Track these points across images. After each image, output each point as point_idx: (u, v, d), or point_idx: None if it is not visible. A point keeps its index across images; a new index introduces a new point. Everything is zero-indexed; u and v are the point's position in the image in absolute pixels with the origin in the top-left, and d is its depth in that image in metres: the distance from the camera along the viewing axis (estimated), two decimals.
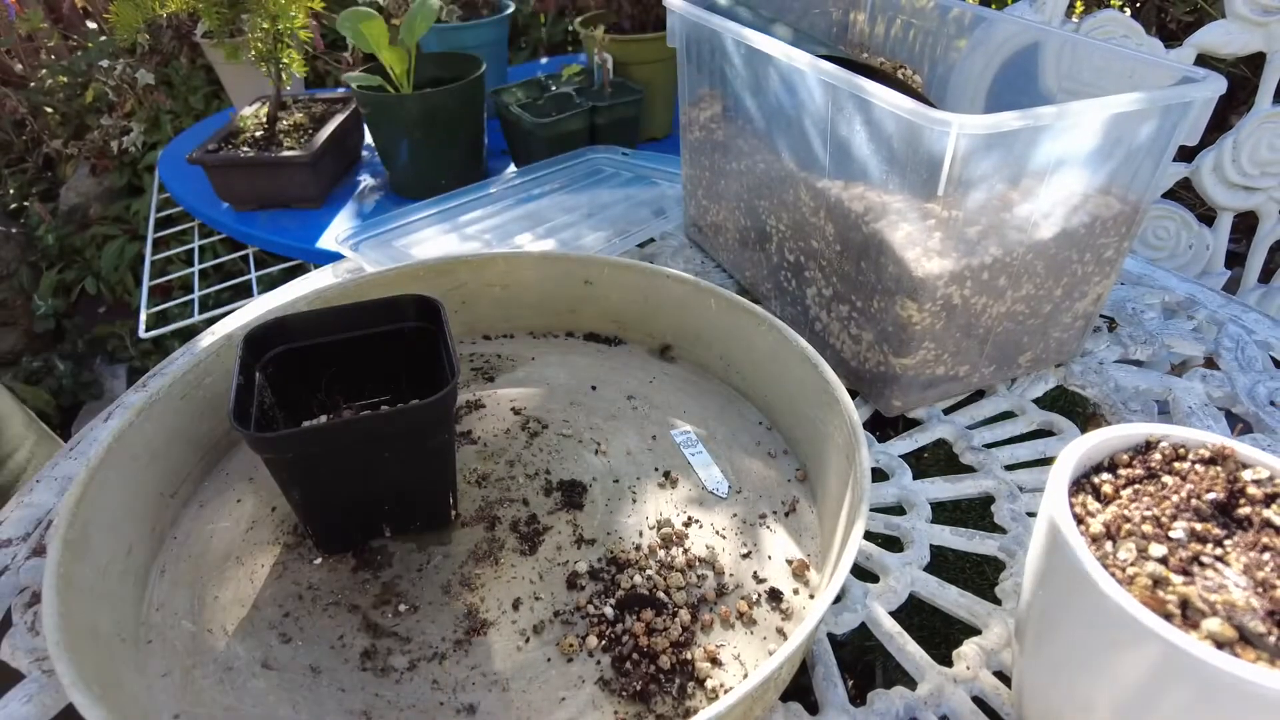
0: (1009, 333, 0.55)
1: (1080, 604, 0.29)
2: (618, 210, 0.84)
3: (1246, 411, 0.57)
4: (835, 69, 0.49)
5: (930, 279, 0.49)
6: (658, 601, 0.42)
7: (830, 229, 0.55)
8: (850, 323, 0.57)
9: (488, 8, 1.28)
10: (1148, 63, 0.52)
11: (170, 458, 0.48)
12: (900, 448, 0.54)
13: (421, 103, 0.99)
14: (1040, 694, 0.34)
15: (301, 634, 0.41)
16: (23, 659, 0.41)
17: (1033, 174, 0.47)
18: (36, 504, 0.50)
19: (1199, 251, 1.01)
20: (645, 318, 0.61)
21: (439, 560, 0.45)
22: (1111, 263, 0.55)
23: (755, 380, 0.55)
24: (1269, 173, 0.97)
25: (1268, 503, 0.31)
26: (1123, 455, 0.34)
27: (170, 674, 0.39)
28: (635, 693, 0.38)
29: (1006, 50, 0.62)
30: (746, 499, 0.49)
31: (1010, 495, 0.50)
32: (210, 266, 1.70)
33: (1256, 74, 0.95)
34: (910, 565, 0.46)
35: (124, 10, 1.01)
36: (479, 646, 0.40)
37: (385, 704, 0.38)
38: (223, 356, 0.50)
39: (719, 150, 0.67)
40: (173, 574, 0.44)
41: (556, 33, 1.93)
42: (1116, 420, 0.56)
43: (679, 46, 0.68)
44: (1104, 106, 0.45)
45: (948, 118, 0.42)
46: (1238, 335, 0.63)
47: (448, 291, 0.60)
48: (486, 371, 0.60)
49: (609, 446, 0.53)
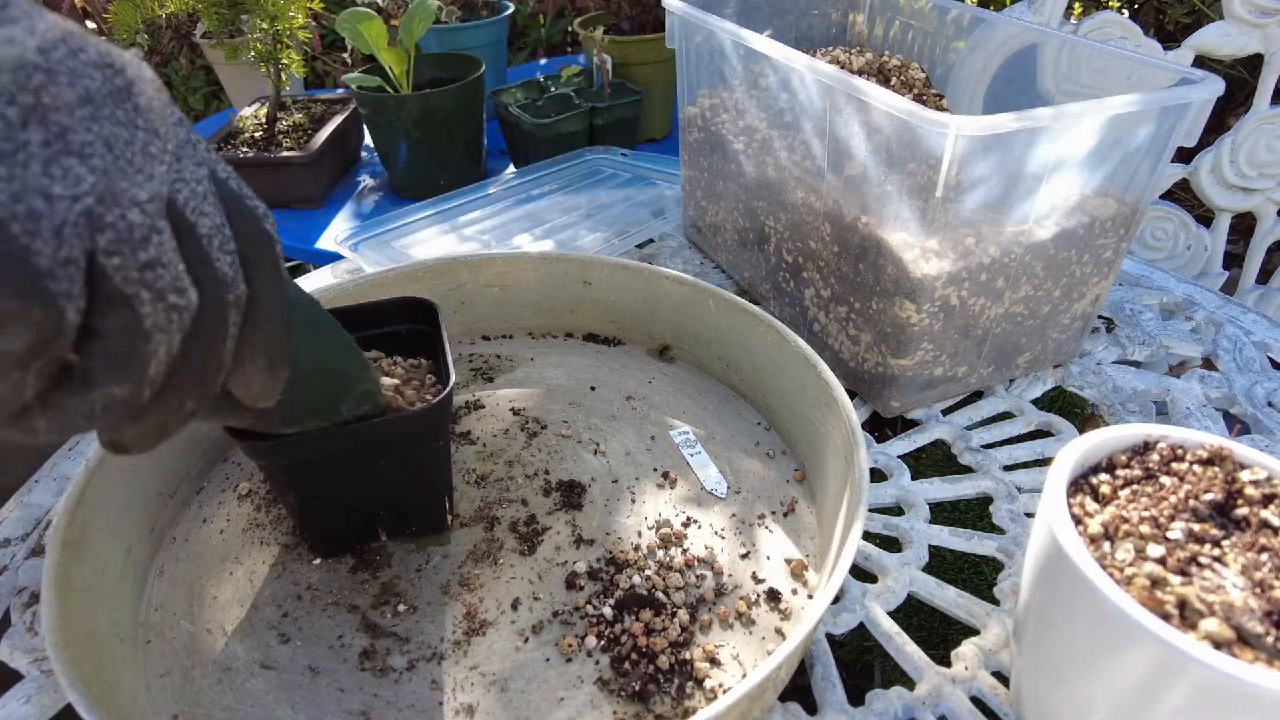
0: (1007, 334, 0.55)
1: (1078, 604, 0.29)
2: (617, 211, 0.84)
3: (1244, 412, 0.57)
4: (833, 70, 0.49)
5: (928, 280, 0.49)
6: (656, 602, 0.42)
7: (828, 230, 0.56)
8: (849, 323, 0.57)
9: (487, 9, 1.28)
10: (1146, 64, 0.53)
11: (169, 458, 0.48)
12: (899, 448, 0.54)
13: (421, 103, 0.99)
14: (1038, 694, 0.34)
15: (300, 634, 0.41)
16: (21, 659, 0.41)
17: (1031, 175, 0.47)
18: (35, 504, 0.50)
19: (1197, 252, 1.02)
20: (644, 318, 0.61)
21: (438, 560, 0.45)
22: (1110, 264, 0.55)
23: (754, 381, 0.55)
24: (1267, 174, 0.97)
25: (1265, 503, 0.31)
26: (1121, 456, 0.34)
27: (169, 674, 0.39)
28: (634, 693, 0.38)
29: (1005, 52, 0.62)
30: (745, 499, 0.49)
31: (1008, 496, 0.50)
32: None
33: (1254, 75, 0.95)
34: (909, 565, 0.46)
35: (123, 10, 1.01)
36: (478, 647, 0.40)
37: (384, 704, 0.38)
38: None
39: (718, 151, 0.67)
40: (171, 574, 0.44)
41: (555, 34, 1.93)
42: (1114, 421, 0.56)
43: (678, 48, 0.68)
44: (1102, 108, 0.45)
45: (945, 119, 0.42)
46: (1235, 336, 0.63)
47: (447, 292, 0.60)
48: (485, 372, 0.60)
49: (608, 447, 0.53)
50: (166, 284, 0.23)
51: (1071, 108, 0.44)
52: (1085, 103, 0.44)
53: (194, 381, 0.25)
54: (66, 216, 0.20)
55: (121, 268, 0.21)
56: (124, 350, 0.22)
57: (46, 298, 0.19)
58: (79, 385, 0.22)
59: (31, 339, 0.20)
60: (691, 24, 0.64)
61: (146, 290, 0.22)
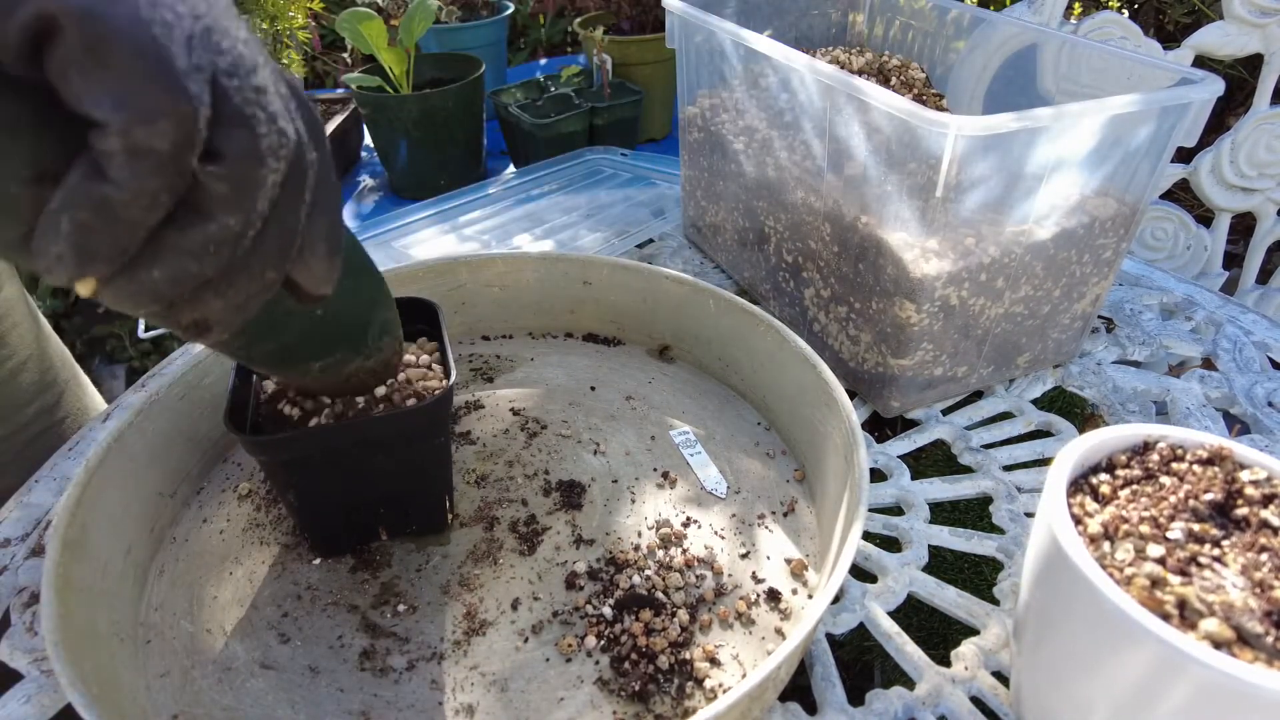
0: (1007, 334, 0.55)
1: (1078, 604, 0.29)
2: (616, 211, 0.84)
3: (1244, 412, 0.57)
4: (833, 70, 0.49)
5: (928, 280, 0.49)
6: (656, 601, 0.42)
7: (828, 230, 0.56)
8: (848, 323, 0.57)
9: (487, 8, 1.28)
10: (1146, 64, 0.53)
11: (169, 458, 0.48)
12: (898, 448, 0.54)
13: (420, 103, 0.99)
14: (1038, 694, 0.34)
15: (300, 634, 0.41)
16: (21, 659, 0.41)
17: (1031, 175, 0.47)
18: (35, 504, 0.50)
19: (1197, 252, 1.02)
20: (644, 318, 0.61)
21: (438, 560, 0.45)
22: (1110, 264, 0.55)
23: (754, 381, 0.55)
24: (1266, 174, 0.97)
25: (1265, 503, 0.31)
26: (1120, 456, 0.34)
27: (169, 674, 0.39)
28: (634, 693, 0.38)
29: (1005, 52, 0.62)
30: (745, 499, 0.49)
31: (1008, 496, 0.50)
32: None
33: (1254, 75, 0.95)
34: (908, 565, 0.46)
35: None
36: (478, 647, 0.40)
37: (384, 704, 0.38)
38: (221, 357, 0.50)
39: (718, 151, 0.67)
40: (171, 574, 0.44)
41: (555, 34, 1.93)
42: (1114, 421, 0.56)
43: (678, 48, 0.68)
44: (1102, 108, 0.45)
45: (945, 119, 0.42)
46: (1235, 336, 0.63)
47: (447, 292, 0.60)
48: (485, 372, 0.60)
49: (608, 447, 0.53)
50: (278, 110, 0.24)
51: (1071, 108, 0.44)
52: (1085, 103, 0.44)
53: (277, 243, 0.26)
54: (192, 30, 0.22)
55: (240, 89, 0.23)
56: (242, 173, 0.23)
57: (186, 96, 0.21)
58: (195, 219, 0.23)
59: (175, 136, 0.21)
60: (691, 24, 0.64)
61: (262, 113, 0.23)
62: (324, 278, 0.29)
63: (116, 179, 0.21)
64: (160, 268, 0.23)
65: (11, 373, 0.61)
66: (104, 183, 0.21)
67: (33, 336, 0.64)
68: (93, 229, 0.21)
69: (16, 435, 0.62)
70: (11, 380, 0.61)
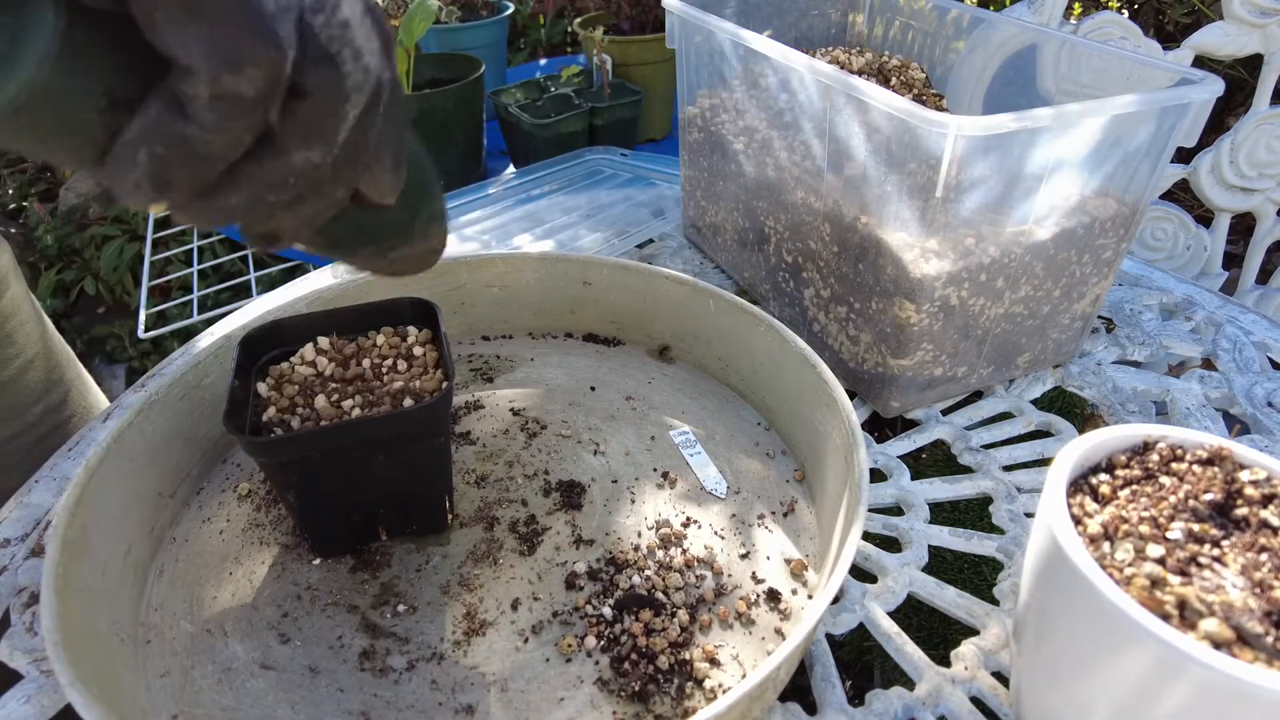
0: (1007, 334, 0.55)
1: (1078, 605, 0.29)
2: (616, 211, 0.84)
3: (1244, 412, 0.57)
4: (833, 70, 0.49)
5: (928, 280, 0.49)
6: (656, 602, 0.42)
7: (828, 230, 0.56)
8: (848, 324, 0.57)
9: (487, 9, 1.28)
10: (1145, 64, 0.53)
11: (169, 458, 0.48)
12: (898, 448, 0.54)
13: (420, 103, 0.99)
14: (1038, 694, 0.34)
15: (300, 634, 0.41)
16: (21, 659, 0.41)
17: (1031, 175, 0.47)
18: (35, 504, 0.50)
19: (1197, 253, 1.02)
20: (644, 318, 0.61)
21: (438, 561, 0.45)
22: (1109, 264, 0.55)
23: (754, 381, 0.55)
24: (1266, 174, 0.97)
25: (1265, 503, 0.31)
26: (1120, 456, 0.34)
27: (169, 674, 0.39)
28: (634, 693, 0.38)
29: (1005, 52, 0.62)
30: (745, 499, 0.49)
31: (1008, 496, 0.50)
32: (209, 267, 1.70)
33: (1254, 75, 0.95)
34: (908, 566, 0.46)
35: None
36: (478, 647, 0.40)
37: (384, 704, 0.38)
38: (221, 357, 0.50)
39: (718, 151, 0.67)
40: (171, 574, 0.44)
41: (555, 34, 1.93)
42: (1114, 421, 0.56)
43: (678, 48, 0.68)
44: (1102, 108, 0.45)
45: (945, 119, 0.42)
46: (1235, 336, 0.63)
47: (446, 292, 0.60)
48: (485, 372, 0.60)
49: (607, 447, 0.53)
50: (362, 44, 0.24)
51: (1071, 108, 0.44)
52: (1085, 103, 0.44)
53: (352, 161, 0.26)
54: None
55: (325, 25, 0.23)
56: (327, 109, 0.23)
57: (275, 40, 0.21)
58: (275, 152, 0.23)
59: (262, 83, 0.21)
60: (691, 24, 0.64)
61: (347, 49, 0.23)
62: (390, 188, 0.29)
63: (199, 120, 0.21)
64: (238, 195, 0.23)
65: (19, 370, 0.61)
66: (185, 122, 0.21)
67: (38, 335, 0.64)
68: (171, 162, 0.21)
69: (24, 434, 0.62)
70: (19, 378, 0.61)
